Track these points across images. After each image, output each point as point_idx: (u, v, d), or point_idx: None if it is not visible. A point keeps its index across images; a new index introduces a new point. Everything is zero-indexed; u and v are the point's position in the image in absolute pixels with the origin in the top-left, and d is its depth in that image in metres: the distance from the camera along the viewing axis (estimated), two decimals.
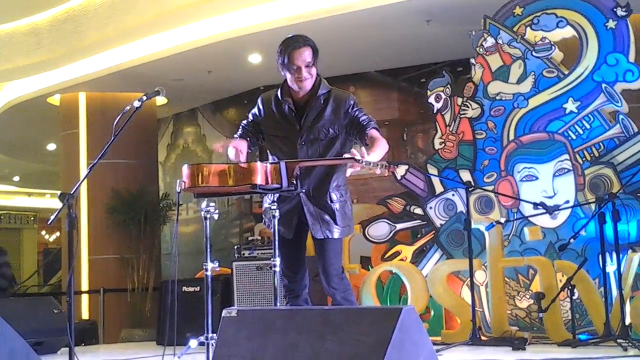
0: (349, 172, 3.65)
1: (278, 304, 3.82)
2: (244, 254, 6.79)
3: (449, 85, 6.57)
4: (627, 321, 5.25)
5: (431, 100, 6.62)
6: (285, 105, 3.99)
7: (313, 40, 3.94)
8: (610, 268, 5.47)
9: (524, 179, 6.16)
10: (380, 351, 2.59)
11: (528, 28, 6.25)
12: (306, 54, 3.88)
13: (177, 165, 11.19)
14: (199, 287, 6.73)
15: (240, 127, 4.15)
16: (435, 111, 6.61)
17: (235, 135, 4.11)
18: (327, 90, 3.99)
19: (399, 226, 6.65)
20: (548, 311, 5.55)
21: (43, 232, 22.19)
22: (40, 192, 19.82)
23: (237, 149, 3.87)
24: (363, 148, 3.57)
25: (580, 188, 5.98)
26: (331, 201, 3.98)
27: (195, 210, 10.45)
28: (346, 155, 3.53)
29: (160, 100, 9.77)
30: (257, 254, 6.74)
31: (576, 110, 6.04)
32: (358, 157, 3.44)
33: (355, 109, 3.98)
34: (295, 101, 4.00)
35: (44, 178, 16.51)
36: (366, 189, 8.69)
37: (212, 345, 3.58)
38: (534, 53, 6.22)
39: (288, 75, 3.93)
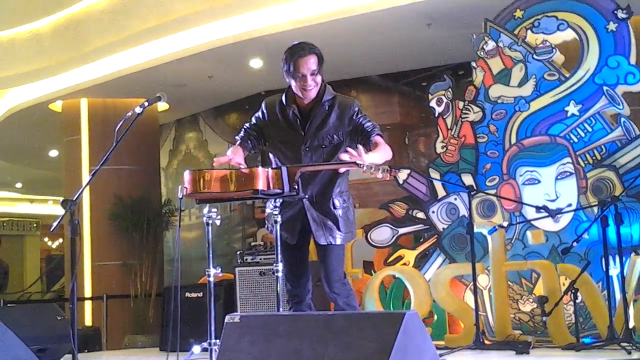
0: (342, 169, 3.66)
1: (281, 309, 3.82)
2: (246, 260, 6.79)
3: (450, 89, 6.57)
4: (631, 324, 5.24)
5: (432, 104, 6.62)
6: (290, 111, 3.99)
7: (318, 48, 3.93)
8: (614, 271, 5.45)
9: (526, 183, 6.16)
10: (384, 356, 2.59)
11: (529, 31, 6.25)
12: (311, 62, 3.87)
13: (179, 171, 11.19)
14: (201, 293, 6.74)
15: (243, 129, 4.15)
16: (436, 115, 6.60)
17: (237, 137, 4.11)
18: (332, 97, 4.00)
19: (402, 230, 6.64)
20: (551, 315, 5.53)
21: (46, 239, 22.17)
22: (43, 198, 19.81)
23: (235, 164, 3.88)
24: (360, 146, 3.57)
25: (583, 191, 5.97)
26: (334, 207, 3.98)
27: (197, 216, 10.46)
28: (345, 158, 3.54)
29: (162, 106, 9.77)
30: (260, 259, 6.74)
31: (578, 113, 6.04)
32: (359, 161, 3.45)
33: (359, 115, 3.98)
34: (300, 107, 4.00)
35: (46, 184, 16.51)
36: (368, 194, 8.68)
37: (215, 351, 3.58)
38: (535, 56, 6.22)
39: (293, 83, 3.93)
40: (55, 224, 3.74)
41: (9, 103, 10.55)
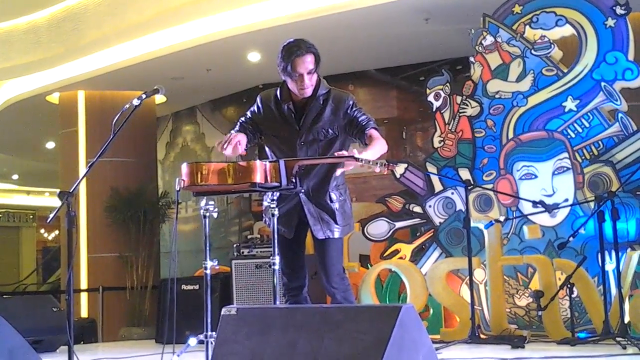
0: (339, 171, 3.66)
1: (277, 302, 3.82)
2: (243, 252, 6.79)
3: (448, 84, 6.57)
4: (626, 319, 5.26)
5: (430, 98, 6.62)
6: (285, 106, 3.97)
7: (315, 46, 3.89)
8: (609, 266, 5.47)
9: (523, 177, 6.17)
10: (380, 349, 2.59)
11: (527, 26, 6.25)
12: (308, 61, 3.83)
13: (176, 164, 11.18)
14: (198, 286, 6.74)
15: (238, 123, 4.13)
16: (434, 109, 6.61)
17: (233, 132, 4.09)
18: (326, 91, 3.97)
19: (398, 224, 6.65)
20: (547, 309, 5.55)
21: (42, 231, 22.17)
22: (39, 190, 19.79)
23: (236, 144, 3.83)
24: (355, 149, 3.57)
25: (580, 186, 5.98)
26: (331, 201, 3.97)
27: (194, 208, 10.46)
28: (344, 153, 3.53)
29: (159, 98, 9.76)
30: (256, 252, 6.74)
31: (575, 109, 6.04)
32: (357, 155, 3.45)
33: (354, 109, 3.96)
34: (295, 102, 3.98)
35: (43, 176, 16.50)
36: (365, 188, 8.68)
37: (212, 343, 3.59)
38: (533, 51, 6.22)
39: (289, 81, 3.91)
40: (51, 215, 3.73)
41: (6, 95, 10.53)
